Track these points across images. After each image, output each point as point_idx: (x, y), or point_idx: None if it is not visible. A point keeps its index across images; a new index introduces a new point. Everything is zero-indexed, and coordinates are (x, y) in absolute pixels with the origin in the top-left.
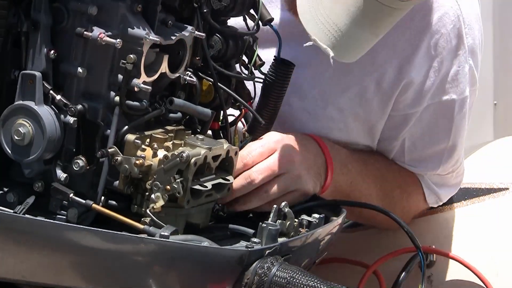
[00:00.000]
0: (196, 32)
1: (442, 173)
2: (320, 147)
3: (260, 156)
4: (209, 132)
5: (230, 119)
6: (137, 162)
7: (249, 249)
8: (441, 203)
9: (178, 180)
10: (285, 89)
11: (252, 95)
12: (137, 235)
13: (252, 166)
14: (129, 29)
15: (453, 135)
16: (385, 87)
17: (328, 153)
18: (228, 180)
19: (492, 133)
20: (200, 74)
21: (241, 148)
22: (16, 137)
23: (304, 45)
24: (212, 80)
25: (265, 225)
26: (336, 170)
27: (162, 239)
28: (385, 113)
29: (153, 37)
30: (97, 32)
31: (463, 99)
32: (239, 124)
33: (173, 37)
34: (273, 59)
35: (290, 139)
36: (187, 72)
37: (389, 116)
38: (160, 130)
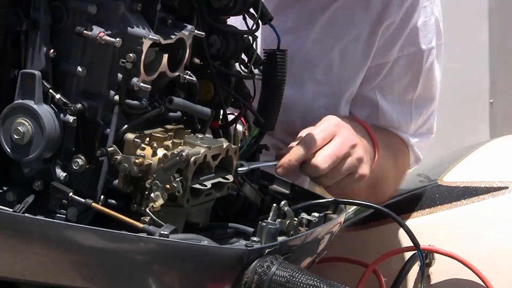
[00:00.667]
0: (196, 31)
1: (414, 126)
2: (367, 131)
3: (323, 141)
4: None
5: (230, 117)
6: (137, 161)
7: (249, 248)
8: (419, 162)
9: (178, 179)
10: (285, 77)
11: (252, 94)
12: (137, 234)
13: (316, 152)
14: (128, 28)
15: (422, 85)
16: (364, 42)
17: (374, 137)
18: (228, 179)
19: (488, 131)
20: (200, 75)
21: (241, 148)
22: (15, 136)
23: None
24: (211, 80)
25: (264, 224)
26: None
27: (161, 238)
28: (365, 66)
29: (152, 36)
30: (97, 31)
31: (430, 49)
32: (239, 123)
33: (173, 36)
34: (264, 52)
35: (346, 122)
36: (187, 72)
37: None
38: (160, 129)
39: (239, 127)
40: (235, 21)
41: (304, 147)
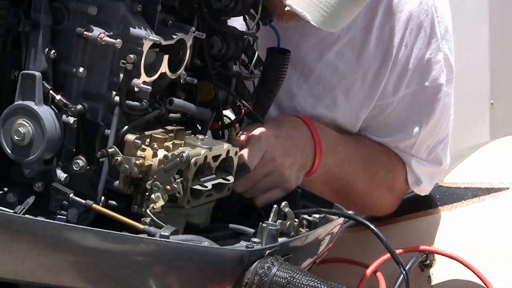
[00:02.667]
0: (196, 32)
1: (418, 153)
2: (310, 131)
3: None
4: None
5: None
6: (137, 162)
7: (249, 249)
8: (421, 186)
9: (178, 180)
10: (282, 77)
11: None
12: (137, 235)
13: None
14: (129, 29)
15: (426, 122)
16: (371, 81)
17: (318, 137)
18: (228, 180)
19: (489, 132)
20: (201, 76)
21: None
22: (16, 137)
23: (285, 9)
24: (211, 81)
25: (265, 225)
26: (325, 153)
27: (162, 239)
28: (370, 107)
29: (153, 37)
30: (97, 32)
31: (436, 86)
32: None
33: (173, 37)
34: (268, 51)
35: (277, 133)
36: (187, 73)
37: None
38: (160, 130)
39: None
40: (235, 23)
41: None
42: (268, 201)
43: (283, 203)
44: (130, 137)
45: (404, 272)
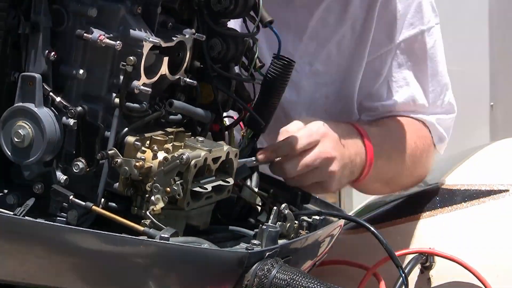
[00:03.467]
0: (196, 34)
1: (432, 106)
2: (363, 141)
3: (302, 148)
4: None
5: (231, 121)
6: (137, 164)
7: (249, 251)
8: (445, 142)
9: (178, 182)
10: (284, 86)
11: (252, 97)
12: (137, 237)
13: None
14: (129, 31)
15: (430, 64)
16: (359, 31)
17: (370, 148)
18: (228, 182)
19: (489, 134)
20: (201, 78)
21: (241, 150)
22: (16, 139)
23: None
24: (211, 83)
25: (265, 227)
26: (375, 157)
27: (162, 241)
28: (364, 57)
29: (153, 39)
30: (97, 34)
31: (430, 28)
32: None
33: (173, 39)
34: (273, 57)
35: (334, 132)
36: (187, 75)
37: (367, 62)
38: (160, 132)
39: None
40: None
41: (287, 146)
42: (305, 188)
43: (283, 205)
44: (130, 139)
45: (403, 275)
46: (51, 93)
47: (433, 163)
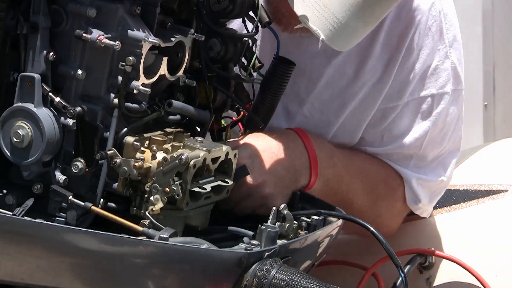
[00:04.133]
0: (195, 34)
1: (416, 164)
2: (303, 143)
3: None
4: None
5: (229, 121)
6: (136, 164)
7: (248, 251)
8: (420, 204)
9: (177, 182)
10: (283, 88)
11: (251, 97)
12: (136, 237)
13: None
14: (128, 31)
15: (431, 129)
16: (375, 84)
17: (312, 148)
18: (227, 183)
19: (482, 134)
20: (200, 78)
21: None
22: (15, 139)
23: (295, 27)
24: (209, 83)
25: (264, 227)
26: (322, 164)
27: (161, 241)
28: (374, 109)
29: (152, 39)
30: (96, 34)
31: (442, 94)
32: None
33: (172, 39)
34: (273, 58)
35: (265, 149)
36: (186, 75)
37: None
38: (159, 132)
39: (236, 129)
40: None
41: None
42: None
43: (282, 205)
44: (129, 139)
45: (402, 275)
46: (50, 93)
47: (398, 224)
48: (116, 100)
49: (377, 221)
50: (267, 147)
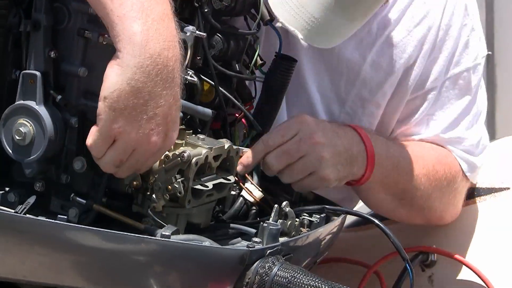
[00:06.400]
0: (197, 31)
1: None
2: (359, 135)
3: (281, 138)
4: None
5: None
6: None
7: (250, 248)
8: (477, 170)
9: (179, 180)
10: (286, 85)
11: (253, 94)
12: (138, 235)
13: (273, 148)
14: None
15: (471, 102)
16: (409, 70)
17: (369, 142)
18: (229, 180)
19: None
20: (202, 76)
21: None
22: (17, 137)
23: (276, 25)
24: (212, 81)
25: (266, 224)
26: (378, 155)
27: (163, 238)
28: (408, 94)
29: None
30: (98, 32)
31: (476, 66)
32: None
33: None
34: (275, 55)
35: (320, 122)
36: (188, 72)
37: (409, 100)
38: None
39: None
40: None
41: (261, 145)
42: (305, 188)
43: (284, 203)
44: None
45: (409, 268)
46: (52, 91)
47: (461, 203)
48: None
49: (440, 206)
50: (330, 125)
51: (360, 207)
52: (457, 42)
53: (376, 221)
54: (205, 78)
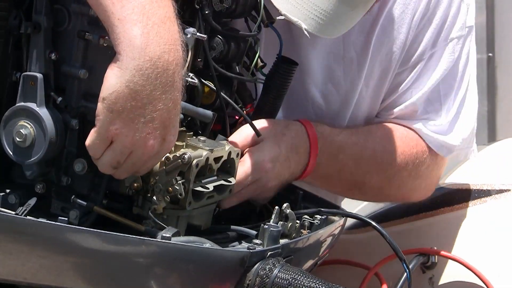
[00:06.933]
0: (198, 33)
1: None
2: (308, 139)
3: (238, 187)
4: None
5: (232, 120)
6: None
7: (251, 250)
8: (456, 151)
9: (180, 181)
10: (286, 87)
11: (254, 96)
12: (139, 237)
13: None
14: None
15: (455, 74)
16: (402, 48)
17: (313, 133)
18: (230, 182)
19: (487, 134)
20: (203, 80)
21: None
22: (17, 139)
23: (277, 18)
24: (212, 82)
25: (267, 226)
26: (322, 162)
27: (163, 240)
28: (393, 72)
29: None
30: (98, 34)
31: (460, 36)
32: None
33: None
34: (276, 58)
35: (275, 160)
36: (189, 74)
37: (396, 73)
38: None
39: None
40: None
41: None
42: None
43: (285, 205)
44: None
45: (407, 269)
46: (52, 93)
47: (427, 190)
48: None
49: (400, 192)
50: (284, 149)
51: (360, 208)
52: (447, 13)
53: (373, 223)
54: (205, 82)
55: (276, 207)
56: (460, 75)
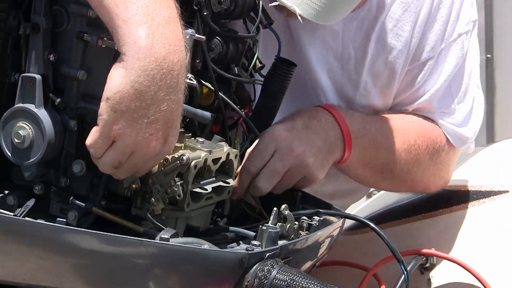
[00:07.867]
0: (196, 35)
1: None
2: (333, 116)
3: (261, 160)
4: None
5: (230, 121)
6: None
7: (249, 251)
8: (468, 143)
9: (178, 183)
10: (285, 88)
11: (252, 97)
12: (137, 238)
13: (257, 174)
14: None
15: (462, 69)
16: (409, 44)
17: (343, 121)
18: (228, 183)
19: (485, 135)
20: (202, 81)
21: (241, 149)
22: (16, 140)
23: (270, 4)
24: (211, 83)
25: (265, 227)
26: (354, 133)
27: (162, 241)
28: (405, 68)
29: None
30: (97, 35)
31: (467, 31)
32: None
33: None
34: (274, 59)
35: (289, 126)
36: (187, 75)
37: (407, 71)
38: None
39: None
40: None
41: (246, 174)
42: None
43: (283, 206)
44: None
45: (404, 270)
46: (51, 94)
47: (445, 178)
48: None
49: (424, 177)
50: (298, 124)
51: (360, 209)
52: (450, 10)
53: (372, 225)
54: (204, 83)
55: (275, 208)
56: (469, 69)
